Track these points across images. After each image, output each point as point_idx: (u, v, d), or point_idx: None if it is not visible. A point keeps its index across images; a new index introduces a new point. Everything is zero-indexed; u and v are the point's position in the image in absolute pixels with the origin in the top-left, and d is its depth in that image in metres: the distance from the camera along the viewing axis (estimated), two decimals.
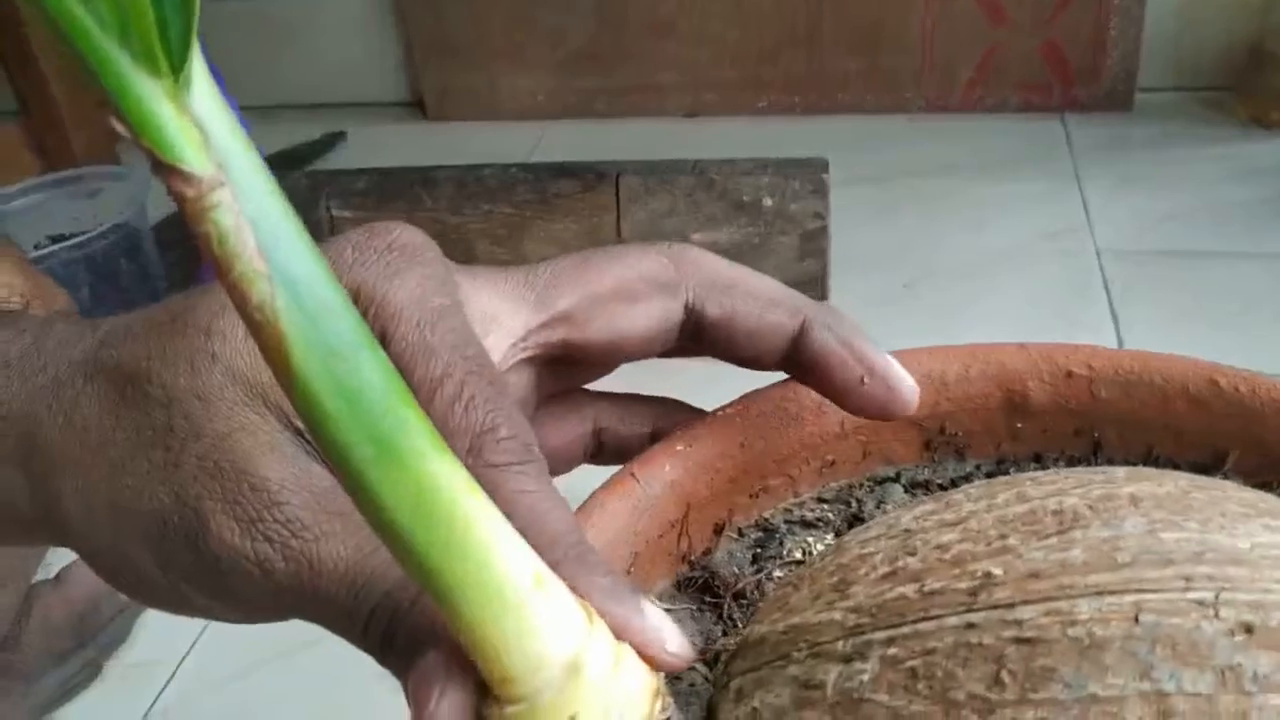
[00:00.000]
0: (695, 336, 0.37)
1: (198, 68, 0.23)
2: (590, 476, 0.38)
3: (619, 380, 0.40)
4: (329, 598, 0.29)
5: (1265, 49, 1.45)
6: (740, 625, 0.35)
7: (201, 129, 0.22)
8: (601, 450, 0.41)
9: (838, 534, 0.39)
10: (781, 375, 0.39)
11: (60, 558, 0.83)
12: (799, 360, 0.37)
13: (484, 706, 0.26)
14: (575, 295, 0.36)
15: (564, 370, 0.38)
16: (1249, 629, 0.22)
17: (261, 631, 0.89)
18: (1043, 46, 1.54)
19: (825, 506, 0.40)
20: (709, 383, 0.48)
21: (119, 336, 0.32)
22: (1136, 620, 0.23)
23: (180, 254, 1.46)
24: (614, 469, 0.37)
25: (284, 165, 1.65)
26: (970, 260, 1.20)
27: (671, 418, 0.40)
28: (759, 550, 0.39)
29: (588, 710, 0.25)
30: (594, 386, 0.41)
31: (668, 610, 0.36)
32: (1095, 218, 1.25)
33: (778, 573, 0.37)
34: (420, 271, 0.33)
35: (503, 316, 0.35)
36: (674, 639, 0.29)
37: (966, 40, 1.57)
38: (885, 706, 0.23)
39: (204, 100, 0.23)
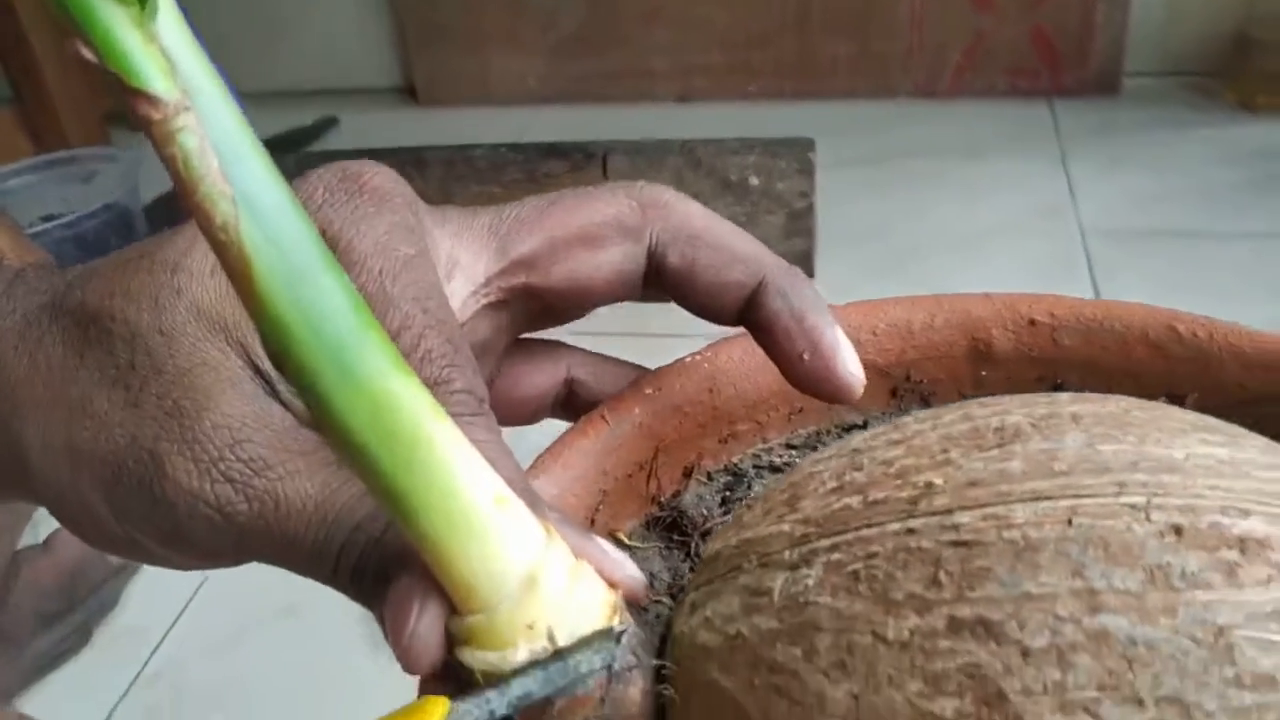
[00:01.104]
0: (658, 284, 0.37)
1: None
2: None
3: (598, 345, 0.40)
4: (295, 537, 0.29)
5: (1250, 34, 1.46)
6: None
7: (167, 56, 0.23)
8: (570, 402, 0.41)
9: None
10: None
11: (50, 524, 0.84)
12: (751, 321, 0.36)
13: (448, 621, 0.27)
14: (537, 240, 0.35)
15: (534, 314, 0.39)
16: (1179, 531, 0.23)
17: (249, 598, 0.90)
18: (1030, 31, 1.54)
19: (793, 452, 0.41)
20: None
21: (85, 277, 0.32)
22: (1070, 523, 0.24)
23: None
24: None
25: (276, 151, 1.65)
26: (955, 238, 1.21)
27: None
28: (727, 494, 0.39)
29: (543, 620, 0.26)
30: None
31: (637, 548, 0.37)
32: (1080, 198, 1.26)
33: None
34: (389, 219, 0.32)
35: (465, 262, 0.35)
36: (629, 564, 0.29)
37: (954, 25, 1.57)
38: (828, 608, 0.24)
39: (170, 29, 0.24)
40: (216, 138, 0.24)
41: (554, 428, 0.39)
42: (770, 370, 0.40)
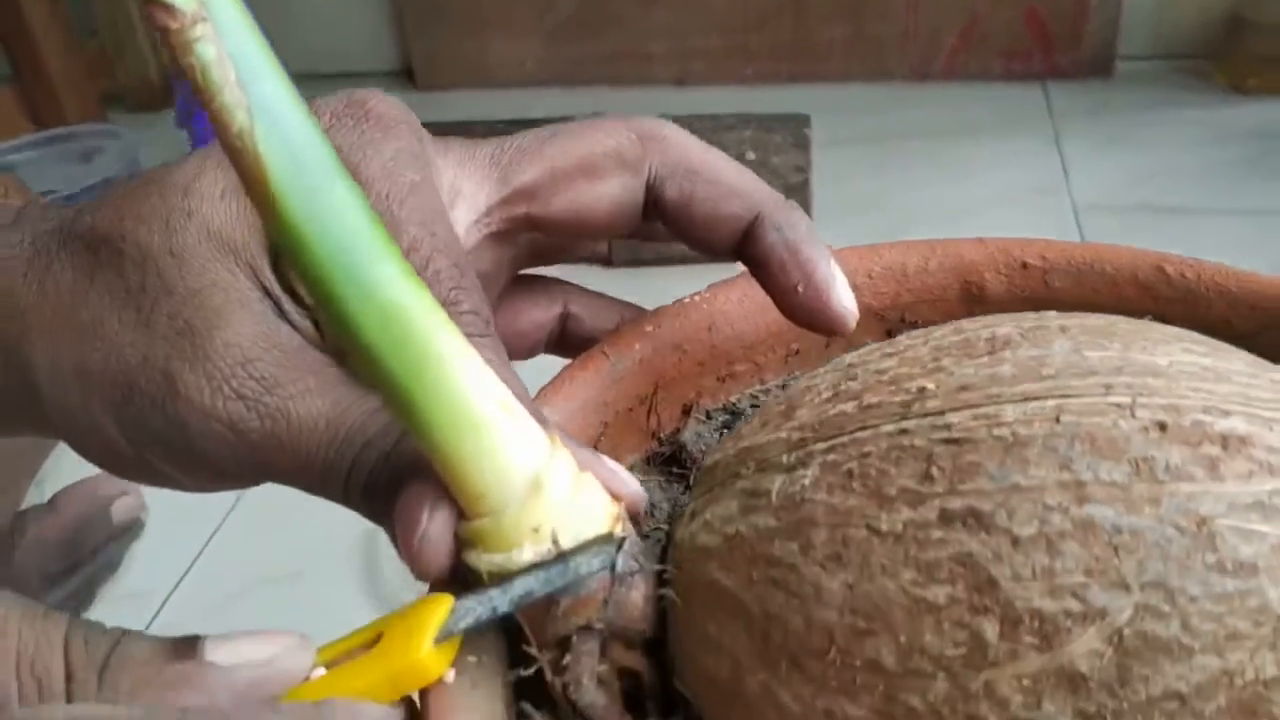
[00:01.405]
0: (657, 217, 0.37)
1: None
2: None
3: None
4: (307, 454, 0.30)
5: (1242, 16, 1.47)
6: None
7: None
8: (565, 339, 0.41)
9: None
10: None
11: (56, 483, 0.84)
12: (747, 255, 0.36)
13: (456, 526, 0.27)
14: (538, 169, 0.36)
15: (535, 248, 0.39)
16: (1163, 427, 0.24)
17: (252, 562, 0.90)
18: (1024, 14, 1.55)
19: None
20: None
21: (94, 204, 0.33)
22: (1058, 421, 0.24)
23: None
24: None
25: None
26: (949, 212, 1.22)
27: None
28: (725, 431, 0.40)
29: (548, 523, 0.27)
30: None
31: (638, 479, 0.38)
32: (1073, 176, 1.27)
33: None
34: (394, 145, 0.33)
35: (468, 191, 0.35)
36: (632, 480, 0.30)
37: (949, 9, 1.58)
38: (824, 504, 0.25)
39: None
40: (233, 49, 0.24)
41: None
42: (768, 312, 0.41)
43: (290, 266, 0.26)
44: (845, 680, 0.24)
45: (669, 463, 0.38)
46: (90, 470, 0.34)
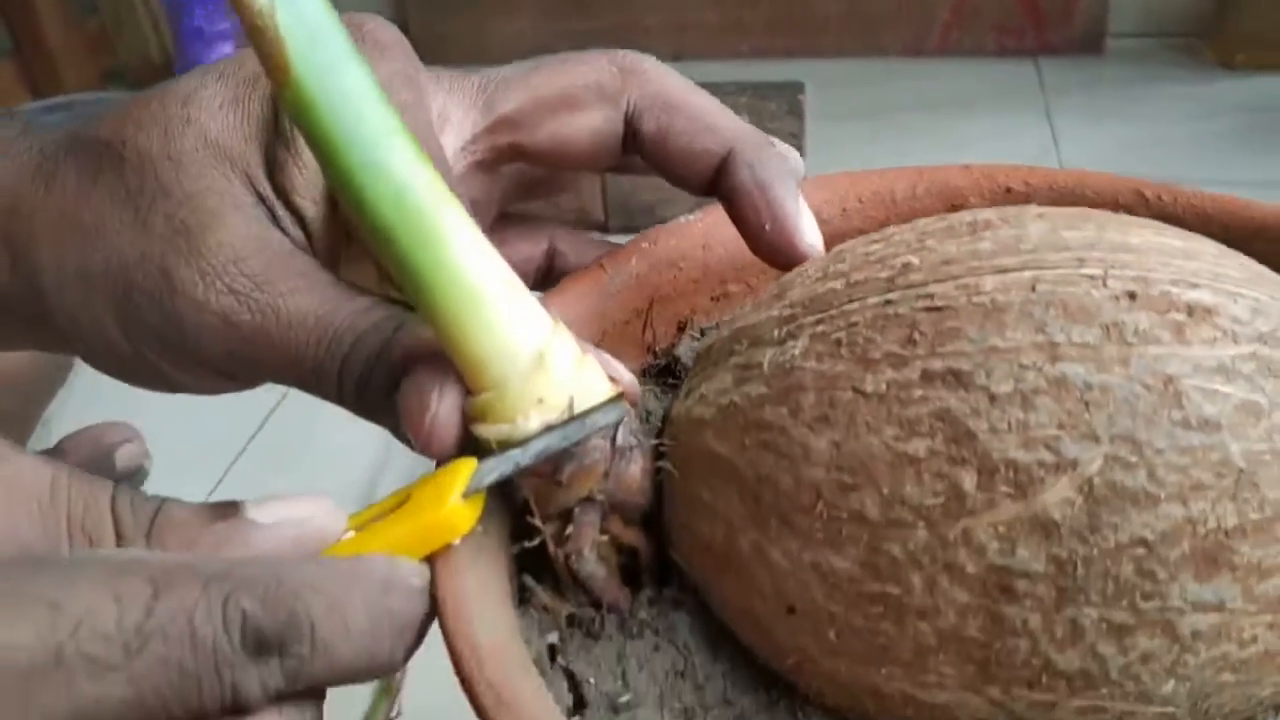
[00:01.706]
0: (635, 150, 0.38)
1: None
2: None
3: None
4: (298, 350, 0.31)
5: None
6: None
7: None
8: (550, 276, 0.42)
9: None
10: None
11: (62, 427, 0.85)
12: (720, 191, 0.36)
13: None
14: (521, 98, 0.37)
15: (520, 183, 0.40)
16: (1132, 296, 0.26)
17: None
18: None
19: None
20: None
21: (99, 115, 0.34)
22: (1034, 289, 0.26)
23: None
24: None
25: None
26: None
27: None
28: None
29: (552, 395, 0.28)
30: None
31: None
32: (1064, 149, 1.29)
33: None
34: (389, 65, 0.34)
35: (455, 118, 0.36)
36: (628, 372, 0.31)
37: None
38: (812, 370, 0.27)
39: None
40: None
41: None
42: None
43: (307, 142, 0.27)
44: (831, 533, 0.26)
45: (663, 374, 0.40)
46: (95, 416, 0.35)
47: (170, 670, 0.23)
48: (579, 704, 0.28)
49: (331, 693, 0.26)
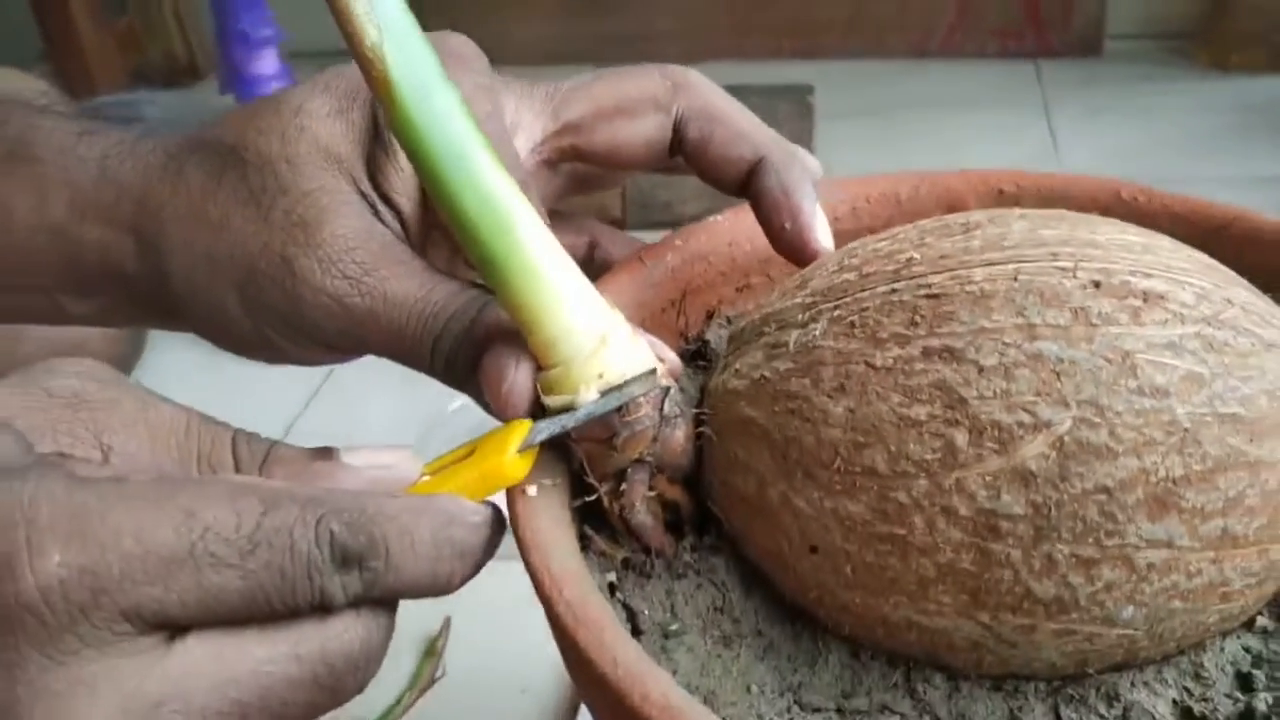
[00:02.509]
0: (680, 153, 0.43)
1: None
2: None
3: None
4: (400, 327, 0.36)
5: None
6: None
7: None
8: (589, 265, 0.47)
9: None
10: None
11: None
12: (749, 192, 0.42)
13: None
14: (584, 107, 0.42)
15: (577, 178, 0.45)
16: (1097, 284, 0.31)
17: None
18: None
19: None
20: None
21: (219, 121, 0.39)
22: (1015, 280, 0.31)
23: None
24: None
25: None
26: None
27: None
28: None
29: (610, 369, 0.33)
30: None
31: None
32: (1062, 148, 1.33)
33: None
34: (471, 79, 0.39)
35: (526, 123, 0.41)
36: (674, 354, 0.37)
37: None
38: (831, 348, 0.32)
39: None
40: None
41: None
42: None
43: (407, 151, 0.32)
44: (847, 484, 0.31)
45: (695, 357, 0.45)
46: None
47: (273, 572, 0.27)
48: (635, 631, 0.33)
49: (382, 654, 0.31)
